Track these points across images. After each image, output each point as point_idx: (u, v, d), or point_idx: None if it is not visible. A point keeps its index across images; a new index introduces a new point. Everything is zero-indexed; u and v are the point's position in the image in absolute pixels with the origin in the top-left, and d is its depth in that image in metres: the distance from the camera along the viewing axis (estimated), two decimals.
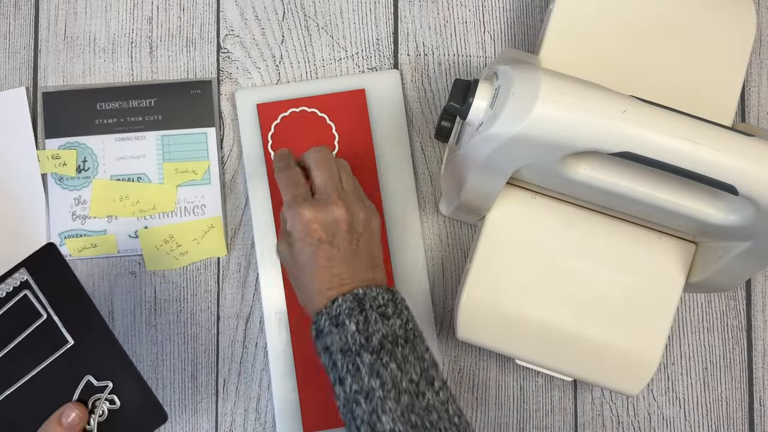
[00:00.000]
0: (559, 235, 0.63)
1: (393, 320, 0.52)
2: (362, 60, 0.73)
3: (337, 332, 0.51)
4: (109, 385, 0.56)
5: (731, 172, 0.49)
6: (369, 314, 0.51)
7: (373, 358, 0.50)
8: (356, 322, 0.51)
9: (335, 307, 0.52)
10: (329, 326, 0.52)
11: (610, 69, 0.61)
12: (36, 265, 0.56)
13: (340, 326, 0.51)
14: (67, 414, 0.54)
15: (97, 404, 0.56)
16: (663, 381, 0.72)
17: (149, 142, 0.72)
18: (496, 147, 0.52)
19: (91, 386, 0.56)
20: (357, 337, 0.51)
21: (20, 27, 0.73)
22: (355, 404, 0.50)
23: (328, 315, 0.52)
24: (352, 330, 0.51)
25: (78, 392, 0.55)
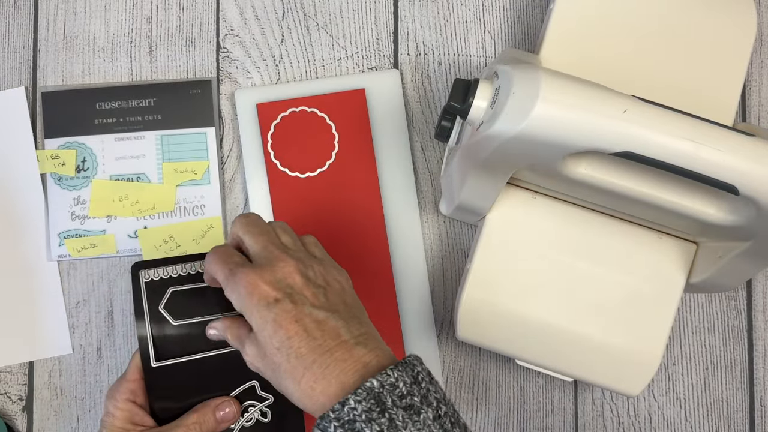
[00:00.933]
0: (559, 235, 0.63)
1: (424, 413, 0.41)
2: (362, 60, 0.73)
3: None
4: (270, 398, 0.56)
5: (732, 171, 0.49)
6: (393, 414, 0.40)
7: None
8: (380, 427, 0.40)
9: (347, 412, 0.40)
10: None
11: (610, 68, 0.61)
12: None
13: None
14: (222, 407, 0.53)
15: (249, 410, 0.55)
16: (664, 381, 0.71)
17: (149, 141, 0.71)
18: (496, 147, 0.52)
19: (253, 392, 0.55)
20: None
21: (19, 27, 0.73)
22: None
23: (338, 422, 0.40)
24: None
25: (239, 391, 0.55)
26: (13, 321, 0.70)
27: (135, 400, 0.53)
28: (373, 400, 0.40)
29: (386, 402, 0.40)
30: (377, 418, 0.40)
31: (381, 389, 0.41)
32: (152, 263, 0.55)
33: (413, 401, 0.41)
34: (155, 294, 0.54)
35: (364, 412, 0.40)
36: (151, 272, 0.54)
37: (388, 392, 0.41)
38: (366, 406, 0.40)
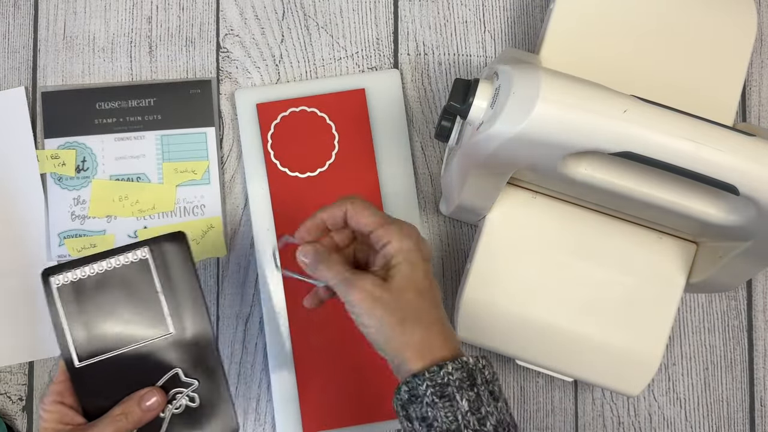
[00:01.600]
0: (559, 235, 0.63)
1: (501, 403, 0.46)
2: (362, 59, 0.73)
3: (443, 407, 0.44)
4: (195, 383, 0.56)
5: (732, 171, 0.49)
6: (481, 391, 0.45)
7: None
8: (468, 399, 0.44)
9: (443, 375, 0.45)
10: (432, 396, 0.44)
11: (610, 68, 0.61)
12: (160, 248, 0.56)
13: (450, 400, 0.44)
14: (147, 397, 0.54)
15: (177, 397, 0.56)
16: (664, 381, 0.71)
17: (149, 141, 0.71)
18: (497, 147, 0.52)
19: (178, 379, 0.56)
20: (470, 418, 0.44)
21: (19, 27, 0.73)
22: None
23: (431, 382, 0.44)
24: (464, 409, 0.44)
25: (163, 380, 0.56)
26: (13, 321, 0.70)
27: (63, 401, 0.54)
28: (466, 373, 0.45)
29: (477, 379, 0.45)
30: (467, 390, 0.44)
31: (474, 367, 0.46)
32: (62, 267, 0.55)
33: (494, 388, 0.46)
34: (69, 297, 0.55)
35: (458, 380, 0.44)
36: (61, 277, 0.55)
37: (479, 372, 0.46)
38: (461, 375, 0.45)
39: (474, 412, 0.44)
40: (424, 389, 0.45)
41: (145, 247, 0.56)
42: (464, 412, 0.44)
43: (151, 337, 0.56)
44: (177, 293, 0.56)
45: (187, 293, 0.57)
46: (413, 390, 0.46)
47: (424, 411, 0.45)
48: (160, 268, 0.56)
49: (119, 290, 0.56)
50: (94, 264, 0.55)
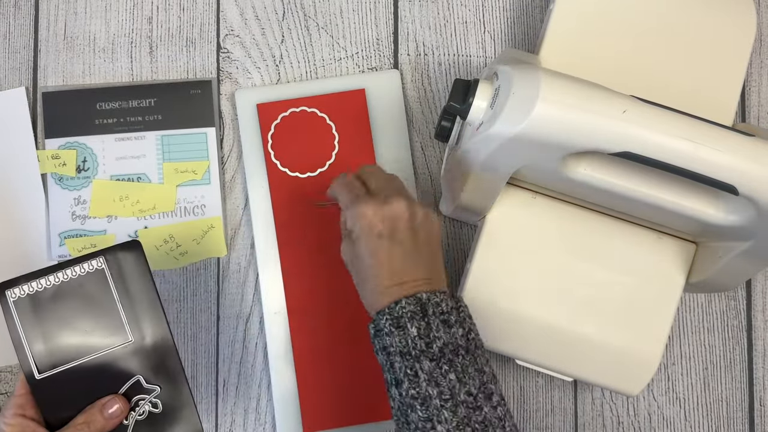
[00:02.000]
0: (559, 235, 0.63)
1: (455, 329, 0.51)
2: (362, 60, 0.73)
3: (398, 334, 0.51)
4: (157, 389, 0.57)
5: (731, 172, 0.49)
6: (431, 320, 0.51)
7: (433, 365, 0.50)
8: (418, 327, 0.51)
9: (398, 309, 0.52)
10: (390, 326, 0.52)
11: (610, 69, 0.61)
12: (115, 257, 0.57)
13: (402, 328, 0.51)
14: (109, 405, 0.55)
15: (140, 404, 0.57)
16: (663, 381, 0.72)
17: (149, 142, 0.71)
18: (496, 147, 0.52)
19: (139, 386, 0.57)
20: (418, 342, 0.50)
21: (20, 27, 0.73)
22: (410, 409, 0.50)
23: (390, 315, 0.52)
24: (413, 334, 0.51)
25: (125, 388, 0.57)
26: None
27: (25, 414, 0.54)
28: (419, 306, 0.51)
29: (428, 310, 0.51)
30: (418, 319, 0.51)
31: (427, 301, 0.52)
32: (18, 280, 0.56)
33: (449, 318, 0.52)
34: (26, 310, 0.55)
35: (410, 312, 0.51)
36: (17, 291, 0.55)
37: (432, 305, 0.52)
38: (412, 308, 0.51)
39: (423, 337, 0.50)
40: (384, 322, 0.52)
41: (101, 257, 0.57)
42: (413, 337, 0.51)
43: (111, 346, 0.56)
44: (134, 301, 0.57)
45: (145, 301, 0.57)
46: (377, 325, 0.53)
47: (384, 341, 0.52)
48: (116, 277, 0.57)
49: (77, 301, 0.56)
50: (50, 276, 0.56)
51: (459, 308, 0.53)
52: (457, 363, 0.50)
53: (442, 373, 0.50)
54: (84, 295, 0.56)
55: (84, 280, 0.56)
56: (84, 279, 0.56)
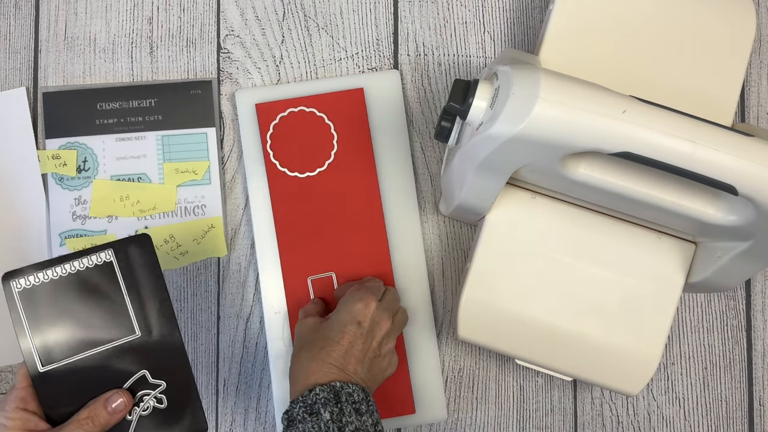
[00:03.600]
0: (558, 235, 0.63)
1: (366, 417, 0.54)
2: (362, 60, 0.73)
3: (311, 420, 0.52)
4: (162, 384, 0.56)
5: (731, 172, 0.49)
6: (344, 407, 0.53)
7: None
8: (331, 411, 0.52)
9: (311, 396, 0.53)
10: (303, 414, 0.53)
11: (609, 69, 0.61)
12: (124, 250, 0.56)
13: (315, 414, 0.53)
14: (113, 399, 0.55)
15: (144, 399, 0.56)
16: (663, 381, 0.72)
17: (149, 142, 0.72)
18: (496, 147, 0.52)
19: (145, 381, 0.57)
20: (331, 425, 0.52)
21: (20, 27, 0.73)
22: None
23: (303, 403, 0.53)
24: (326, 418, 0.52)
25: (130, 382, 0.56)
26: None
27: (26, 408, 0.54)
28: (332, 393, 0.53)
29: (341, 397, 0.53)
30: (332, 405, 0.52)
31: (341, 389, 0.54)
32: (23, 271, 0.55)
33: (360, 407, 0.54)
34: (31, 301, 0.54)
35: (324, 398, 0.53)
36: (23, 281, 0.55)
37: (346, 394, 0.54)
38: (326, 395, 0.53)
39: (335, 421, 0.52)
40: (297, 410, 0.53)
41: (110, 250, 0.56)
42: (326, 421, 0.52)
43: (117, 340, 0.56)
44: (143, 296, 0.56)
45: (153, 296, 0.57)
46: (290, 415, 0.54)
47: (297, 429, 0.53)
48: (125, 270, 0.56)
49: (84, 293, 0.55)
50: (57, 267, 0.55)
51: (368, 400, 0.55)
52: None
53: None
54: (92, 288, 0.56)
55: (92, 272, 0.56)
56: (92, 271, 0.56)
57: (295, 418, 0.53)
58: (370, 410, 0.55)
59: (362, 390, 0.55)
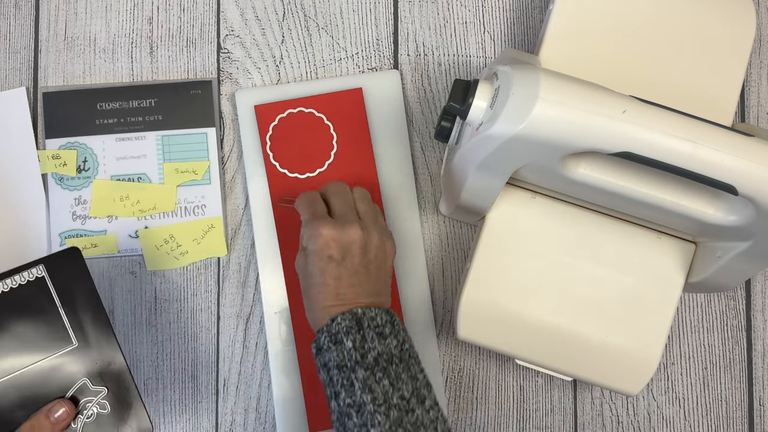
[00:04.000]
0: (559, 235, 0.63)
1: (389, 340, 0.54)
2: (362, 60, 0.73)
3: (335, 349, 0.54)
4: (103, 390, 0.58)
5: (731, 172, 0.49)
6: (366, 333, 0.54)
7: (367, 374, 0.52)
8: (353, 339, 0.53)
9: (334, 325, 0.54)
10: (328, 343, 0.54)
11: (609, 69, 0.61)
12: (55, 265, 0.58)
13: (338, 344, 0.53)
14: (55, 409, 0.55)
15: (87, 406, 0.57)
16: (663, 381, 0.72)
17: (149, 142, 0.72)
18: (496, 147, 0.52)
19: (86, 388, 0.58)
20: (353, 353, 0.53)
21: (20, 27, 0.73)
22: (347, 417, 0.52)
23: (327, 332, 0.54)
24: (348, 347, 0.53)
25: (71, 392, 0.57)
26: None
27: None
28: (354, 321, 0.54)
29: (363, 323, 0.54)
30: (354, 333, 0.53)
31: (362, 315, 0.54)
32: None
33: (384, 330, 0.54)
34: None
35: (345, 327, 0.54)
36: None
37: (368, 319, 0.54)
38: (348, 323, 0.54)
39: (357, 348, 0.53)
40: (323, 340, 0.55)
41: (40, 266, 0.57)
42: (348, 349, 0.53)
43: (55, 352, 0.57)
44: (77, 306, 0.58)
45: (87, 305, 0.58)
46: (318, 344, 0.55)
47: (324, 357, 0.54)
48: (57, 283, 0.57)
49: (18, 310, 0.56)
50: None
51: (393, 321, 0.55)
52: (390, 371, 0.53)
53: (376, 380, 0.52)
54: (26, 304, 0.57)
55: (25, 289, 0.57)
56: (25, 288, 0.57)
57: (321, 348, 0.55)
58: (395, 331, 0.55)
59: (386, 312, 0.55)
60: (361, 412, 0.51)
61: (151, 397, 0.70)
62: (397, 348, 0.54)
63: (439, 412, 0.53)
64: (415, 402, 0.52)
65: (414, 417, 0.51)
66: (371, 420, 0.51)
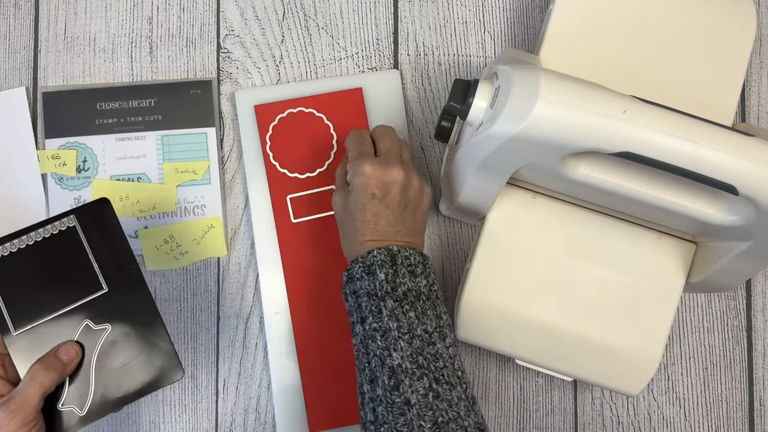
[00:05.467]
0: (559, 235, 0.63)
1: (420, 279, 0.57)
2: (362, 60, 0.73)
3: (368, 279, 0.56)
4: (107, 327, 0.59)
5: (731, 172, 0.49)
6: (399, 269, 0.56)
7: (395, 304, 0.55)
8: (386, 273, 0.56)
9: (370, 257, 0.57)
10: (361, 273, 0.57)
11: (610, 69, 0.61)
12: (86, 215, 0.59)
13: (372, 274, 0.56)
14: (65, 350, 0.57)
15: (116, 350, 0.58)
16: (663, 381, 0.72)
17: (149, 142, 0.72)
18: (496, 147, 0.52)
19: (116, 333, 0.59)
20: (384, 285, 0.56)
21: (20, 27, 0.73)
22: (371, 340, 0.55)
23: (362, 263, 0.57)
24: (381, 278, 0.56)
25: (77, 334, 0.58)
26: None
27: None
28: (389, 256, 0.57)
29: (397, 260, 0.57)
30: (387, 267, 0.56)
31: (397, 253, 0.57)
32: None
33: (415, 269, 0.57)
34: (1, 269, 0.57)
35: (380, 260, 0.56)
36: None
37: (402, 257, 0.57)
38: (383, 257, 0.56)
39: (389, 281, 0.56)
40: (357, 269, 0.57)
41: (71, 215, 0.59)
42: (380, 281, 0.56)
43: (86, 297, 0.58)
44: (107, 253, 0.59)
45: (117, 252, 0.59)
46: (350, 272, 0.58)
47: (355, 285, 0.57)
48: (88, 232, 0.59)
49: (50, 258, 0.58)
50: (24, 236, 0.58)
51: (426, 263, 0.58)
52: (417, 305, 0.55)
53: (403, 311, 0.55)
54: (58, 252, 0.58)
55: (57, 238, 0.58)
56: (57, 238, 0.58)
57: (353, 276, 0.57)
58: (426, 272, 0.57)
59: (420, 254, 0.58)
60: (385, 337, 0.54)
61: (151, 396, 0.70)
62: (426, 287, 0.57)
63: (456, 351, 0.56)
64: (437, 336, 0.55)
65: (434, 349, 0.54)
66: (394, 344, 0.54)
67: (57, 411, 0.57)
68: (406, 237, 0.59)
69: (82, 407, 0.57)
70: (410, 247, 0.58)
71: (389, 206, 0.59)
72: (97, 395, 0.57)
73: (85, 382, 0.57)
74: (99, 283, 0.59)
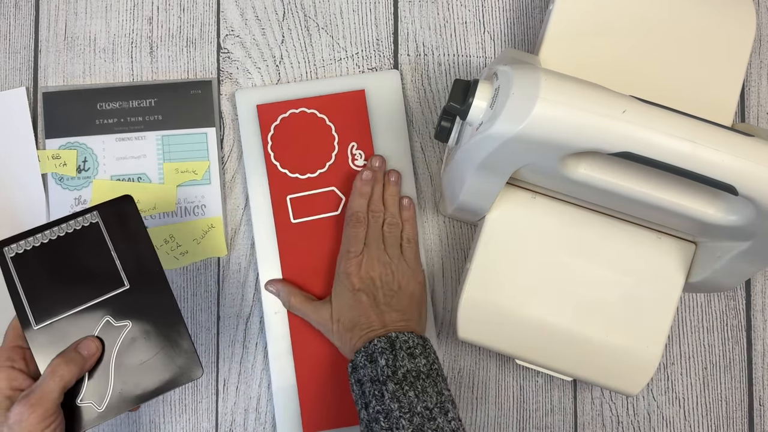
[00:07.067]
0: (559, 235, 0.63)
1: (419, 359, 0.59)
2: (362, 60, 0.73)
3: (370, 366, 0.59)
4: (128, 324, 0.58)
5: (731, 171, 0.49)
6: (398, 353, 0.59)
7: (396, 387, 0.58)
8: (386, 359, 0.59)
9: (371, 347, 0.60)
10: (364, 361, 0.60)
11: (609, 69, 0.61)
12: (108, 211, 0.60)
13: (373, 362, 0.59)
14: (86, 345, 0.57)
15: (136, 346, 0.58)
16: (663, 381, 0.72)
17: (149, 142, 0.72)
18: (496, 147, 0.52)
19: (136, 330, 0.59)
20: (385, 369, 0.59)
21: (20, 27, 0.73)
22: (375, 422, 0.57)
23: (365, 352, 0.60)
24: (381, 364, 0.59)
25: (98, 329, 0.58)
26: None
27: (13, 366, 0.56)
28: (388, 342, 0.60)
29: (395, 345, 0.60)
30: (387, 353, 0.59)
31: (396, 339, 0.60)
32: (15, 238, 0.58)
33: (414, 351, 0.60)
34: (23, 264, 0.57)
35: (381, 348, 0.60)
36: (15, 247, 0.58)
37: (400, 341, 0.60)
38: (383, 345, 0.60)
39: (389, 366, 0.59)
40: (360, 359, 0.60)
41: (94, 212, 0.59)
42: (381, 366, 0.59)
43: (108, 293, 0.58)
44: (129, 250, 0.59)
45: (140, 249, 0.59)
46: (354, 363, 0.61)
47: (359, 374, 0.60)
48: (111, 228, 0.59)
49: (74, 253, 0.58)
50: (47, 231, 0.58)
51: (425, 344, 0.61)
52: (417, 384, 0.58)
53: (403, 392, 0.57)
54: (81, 248, 0.58)
55: (80, 234, 0.59)
56: (80, 233, 0.59)
57: (357, 365, 0.61)
58: (426, 353, 0.60)
59: (419, 337, 0.61)
60: (388, 418, 0.57)
61: None
62: (425, 366, 0.59)
63: (460, 425, 0.58)
64: (438, 412, 0.57)
65: (435, 424, 0.56)
66: (396, 424, 0.56)
67: (76, 406, 0.57)
68: (402, 318, 0.63)
69: (100, 403, 0.57)
70: (408, 331, 0.61)
71: (376, 298, 0.64)
72: (116, 392, 0.57)
73: (104, 379, 0.57)
74: (121, 280, 0.59)
